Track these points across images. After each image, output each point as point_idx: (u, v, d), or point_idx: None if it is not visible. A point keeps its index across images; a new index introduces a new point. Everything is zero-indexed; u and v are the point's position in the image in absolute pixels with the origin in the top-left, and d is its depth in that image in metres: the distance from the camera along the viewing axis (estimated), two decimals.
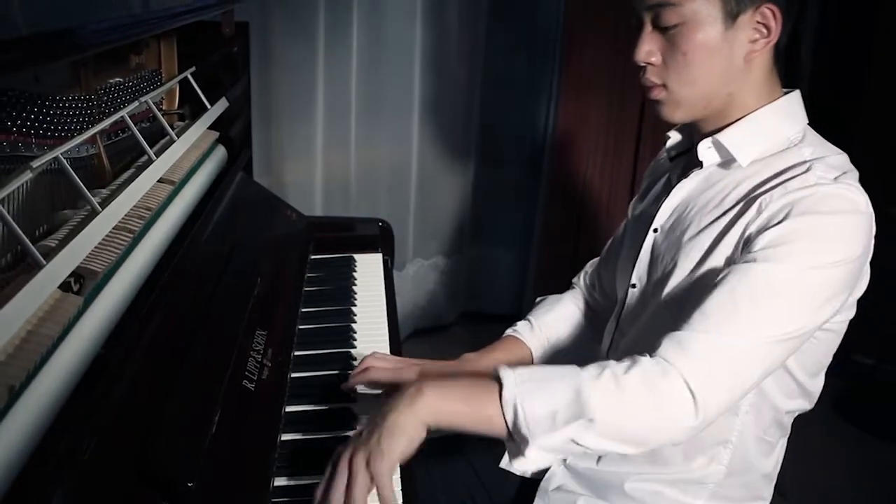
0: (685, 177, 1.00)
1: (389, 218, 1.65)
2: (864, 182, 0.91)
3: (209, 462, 0.77)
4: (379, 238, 1.56)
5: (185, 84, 1.38)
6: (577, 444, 0.81)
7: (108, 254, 0.89)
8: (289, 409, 1.02)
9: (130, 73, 1.26)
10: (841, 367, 0.95)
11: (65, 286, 0.79)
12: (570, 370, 0.85)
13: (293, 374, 1.10)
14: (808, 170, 0.89)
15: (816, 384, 1.00)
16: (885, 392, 2.41)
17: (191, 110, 1.44)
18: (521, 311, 2.74)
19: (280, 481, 0.89)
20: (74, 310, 0.77)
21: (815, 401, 1.01)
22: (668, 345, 0.84)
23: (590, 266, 1.28)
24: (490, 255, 2.85)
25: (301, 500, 0.87)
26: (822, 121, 1.03)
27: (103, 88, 1.14)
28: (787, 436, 1.05)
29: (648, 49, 0.94)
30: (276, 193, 1.63)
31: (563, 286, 1.31)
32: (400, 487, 0.90)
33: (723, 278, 0.87)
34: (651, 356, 0.84)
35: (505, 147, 2.74)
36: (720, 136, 0.95)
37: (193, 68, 1.38)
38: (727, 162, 0.96)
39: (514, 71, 2.64)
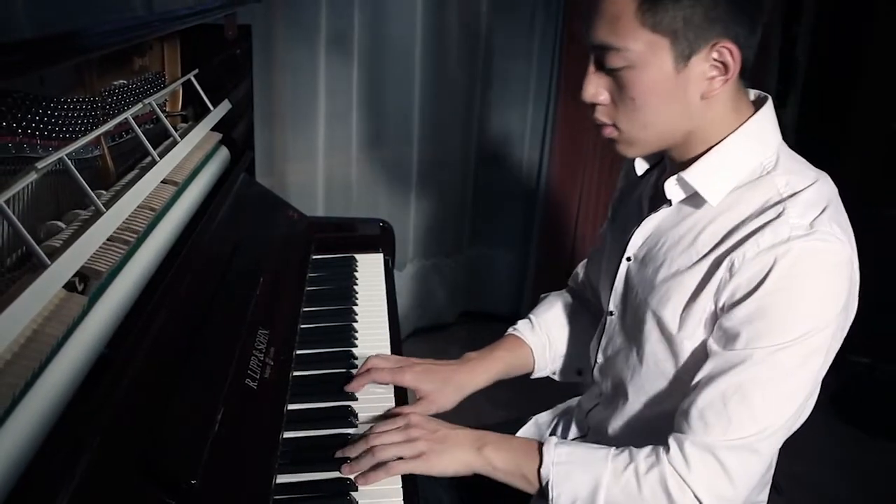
0: (654, 204, 0.96)
1: (390, 218, 1.65)
2: (859, 183, 0.90)
3: (212, 459, 0.77)
4: (380, 238, 1.55)
5: (188, 86, 1.38)
6: None
7: (113, 254, 0.89)
8: (291, 407, 1.02)
9: (134, 76, 1.26)
10: (837, 367, 0.94)
11: (69, 286, 0.79)
12: (602, 458, 0.89)
13: (295, 373, 1.10)
14: (780, 215, 0.83)
15: (809, 402, 0.96)
16: (881, 391, 2.41)
17: (194, 112, 1.44)
18: (520, 310, 2.74)
19: (282, 478, 0.89)
20: (79, 309, 0.77)
21: (810, 410, 0.97)
22: (676, 453, 0.85)
23: (581, 267, 1.27)
24: (489, 254, 2.85)
25: (303, 497, 0.87)
26: (818, 122, 1.02)
27: (107, 90, 1.14)
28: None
29: (594, 91, 0.88)
30: (278, 194, 1.63)
31: (561, 285, 1.31)
32: (401, 484, 0.90)
33: (712, 367, 0.85)
34: (667, 455, 0.85)
35: (504, 148, 2.74)
36: (686, 175, 0.89)
37: (196, 70, 1.38)
38: (695, 196, 0.90)
39: (513, 73, 2.64)
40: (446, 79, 2.53)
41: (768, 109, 0.91)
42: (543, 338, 1.19)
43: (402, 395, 1.09)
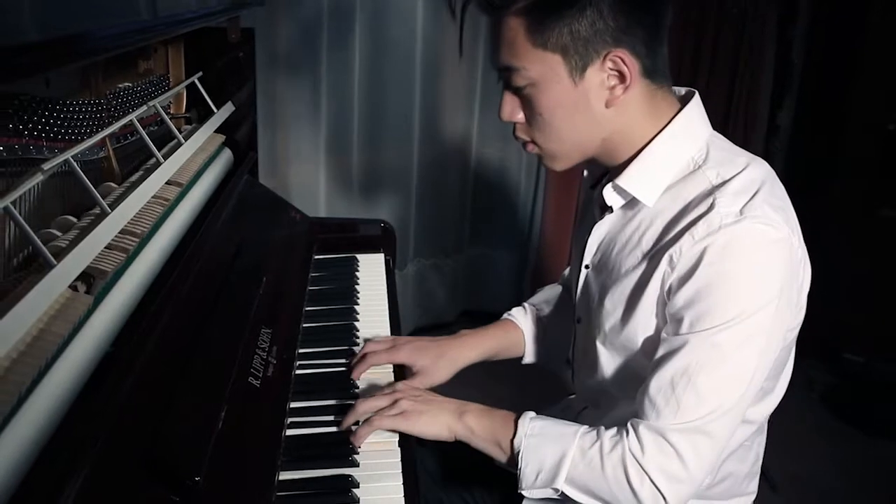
0: (602, 216, 0.98)
1: (391, 219, 1.65)
2: (854, 185, 0.90)
3: (216, 456, 0.77)
4: (381, 238, 1.56)
5: (192, 89, 1.38)
6: (563, 494, 0.89)
7: (118, 254, 0.89)
8: (293, 405, 1.02)
9: (139, 78, 1.26)
10: (832, 366, 0.94)
11: (75, 286, 0.79)
12: (571, 433, 0.90)
13: (298, 371, 1.10)
14: (711, 206, 0.84)
15: (781, 383, 0.97)
16: (875, 389, 2.41)
17: (198, 114, 1.44)
18: None
19: (285, 475, 0.89)
20: (84, 309, 0.77)
21: (781, 396, 0.98)
22: (633, 439, 0.86)
23: (567, 269, 1.28)
24: (489, 254, 2.85)
25: (305, 494, 0.87)
26: (814, 124, 1.02)
27: (112, 93, 1.14)
28: (764, 432, 1.04)
29: (510, 109, 0.91)
30: (280, 195, 1.63)
31: None
32: (401, 482, 0.90)
33: (660, 353, 0.87)
34: (627, 437, 0.86)
35: (504, 150, 2.74)
36: (620, 181, 0.91)
37: (200, 73, 1.38)
38: (634, 200, 0.92)
39: None
40: (446, 81, 2.53)
41: (694, 105, 0.93)
42: (536, 324, 1.22)
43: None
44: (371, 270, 1.45)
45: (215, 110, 1.39)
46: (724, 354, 0.83)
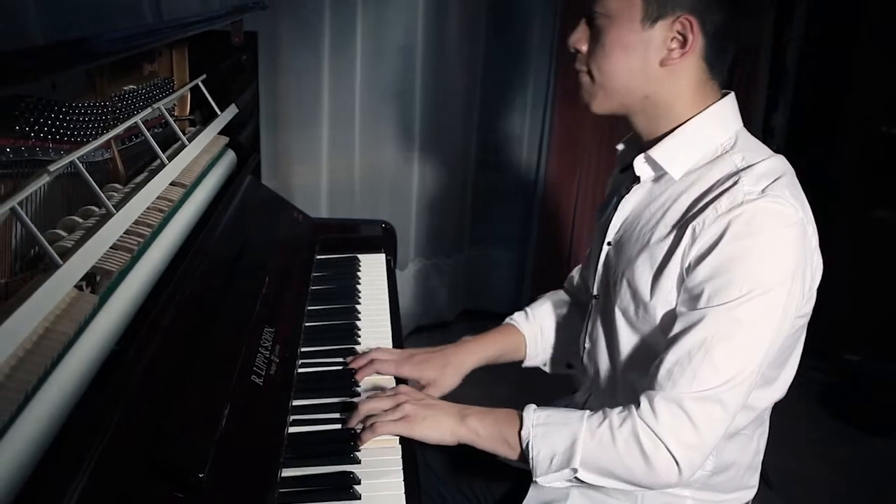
0: (629, 191, 1.01)
1: (392, 219, 1.65)
2: (849, 186, 0.91)
3: (219, 454, 0.77)
4: (382, 239, 1.56)
5: (196, 91, 1.38)
6: (578, 479, 0.90)
7: (122, 254, 0.89)
8: (295, 402, 1.02)
9: (144, 81, 1.26)
10: (829, 364, 0.95)
11: (80, 285, 0.79)
12: (578, 417, 0.92)
13: (300, 370, 1.10)
14: (735, 183, 0.89)
15: (786, 374, 0.99)
16: (871, 388, 2.41)
17: (202, 116, 1.44)
18: (518, 308, 2.73)
19: (288, 472, 0.89)
20: (90, 308, 0.77)
21: (786, 389, 1.00)
22: (645, 408, 0.88)
23: (576, 272, 1.29)
24: (489, 254, 2.85)
25: (307, 490, 0.87)
26: (808, 126, 1.03)
27: (118, 95, 1.14)
28: (765, 425, 1.05)
29: (578, 36, 0.96)
30: (283, 196, 1.63)
31: (558, 283, 1.31)
32: (402, 478, 0.90)
33: (678, 327, 0.89)
34: (638, 410, 0.88)
35: (503, 152, 2.74)
36: (652, 152, 0.96)
37: (204, 76, 1.38)
38: (662, 175, 0.96)
39: (511, 78, 2.65)
40: (447, 83, 2.53)
41: (731, 100, 0.98)
42: (536, 328, 1.22)
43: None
44: (372, 270, 1.45)
45: (219, 112, 1.39)
46: (740, 326, 0.86)
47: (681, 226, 0.92)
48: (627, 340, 0.99)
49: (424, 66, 2.46)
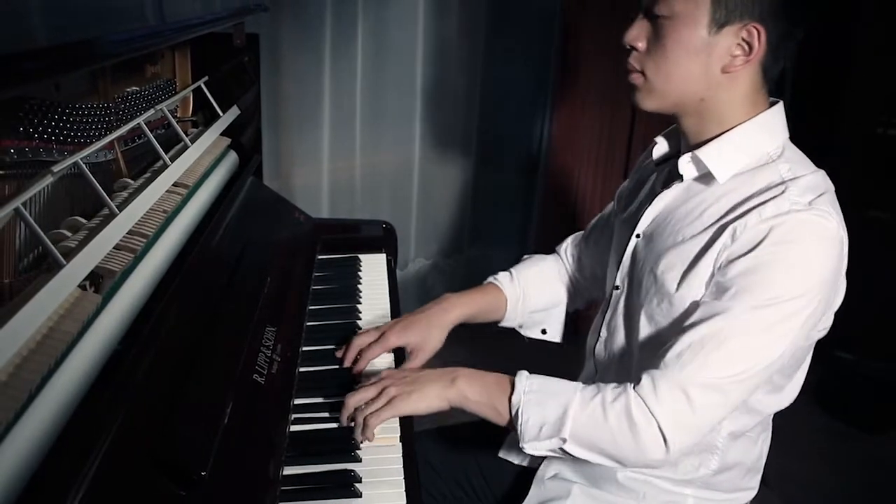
0: (667, 187, 0.99)
1: (392, 220, 1.65)
2: (843, 186, 0.91)
3: (222, 452, 0.77)
4: (383, 239, 1.55)
5: (198, 93, 1.38)
6: (563, 451, 0.89)
7: (125, 254, 0.89)
8: (297, 401, 1.02)
9: (146, 83, 1.26)
10: (823, 363, 0.95)
11: (84, 285, 0.79)
12: (571, 389, 0.91)
13: (301, 369, 1.10)
14: (782, 192, 0.87)
15: (794, 383, 0.99)
16: (865, 386, 2.41)
17: (204, 117, 1.44)
18: None
19: (289, 470, 0.89)
20: (93, 308, 0.77)
21: (794, 397, 1.00)
22: (647, 385, 0.87)
23: (572, 239, 1.30)
24: (488, 254, 2.85)
25: (309, 488, 0.87)
26: (804, 127, 1.02)
27: (121, 97, 1.14)
28: (769, 430, 1.05)
29: (636, 34, 0.93)
30: (284, 196, 1.62)
31: None
32: (403, 476, 0.90)
33: (697, 315, 0.88)
34: (635, 388, 0.87)
35: (503, 152, 2.75)
36: (699, 152, 0.94)
37: (206, 78, 1.38)
38: (706, 176, 0.94)
39: (511, 80, 2.64)
40: (447, 85, 2.53)
41: (779, 110, 0.96)
42: (519, 291, 1.23)
43: None
44: (373, 270, 1.45)
45: (221, 114, 1.39)
46: (760, 327, 0.85)
47: (720, 226, 0.90)
48: (647, 333, 0.97)
49: (425, 67, 2.46)
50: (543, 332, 1.26)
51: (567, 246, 1.30)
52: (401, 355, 1.12)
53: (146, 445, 0.72)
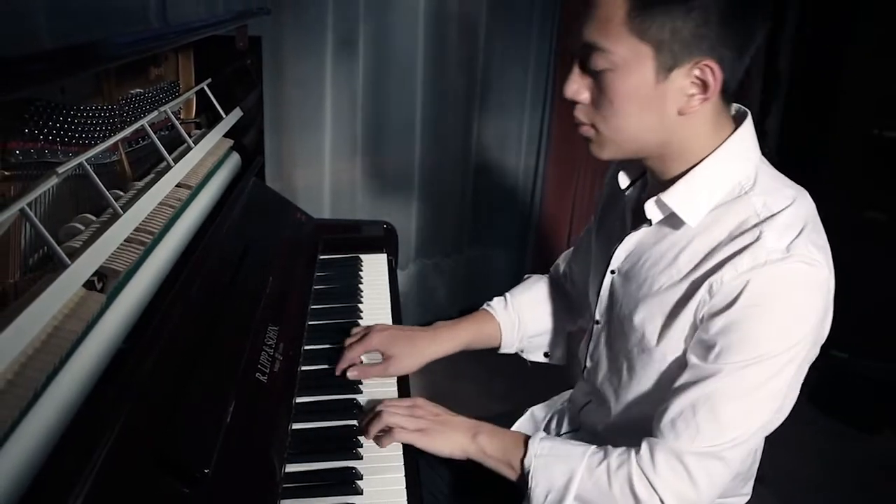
0: (636, 224, 0.94)
1: (393, 220, 1.65)
2: (840, 188, 0.89)
3: (225, 449, 0.77)
4: (383, 239, 1.55)
5: (201, 95, 1.38)
6: None
7: (130, 254, 0.89)
8: (299, 399, 1.02)
9: (150, 85, 1.26)
10: (818, 362, 0.94)
11: (88, 284, 0.79)
12: (579, 454, 0.89)
13: (303, 368, 1.10)
14: (757, 239, 0.80)
15: (787, 403, 0.95)
16: (859, 384, 2.41)
17: (207, 119, 1.44)
18: None
19: (291, 467, 0.89)
20: (97, 307, 0.77)
21: (787, 414, 0.96)
22: (645, 455, 0.85)
23: (563, 258, 1.27)
24: (488, 255, 2.85)
25: (311, 486, 0.87)
26: (801, 129, 1.02)
27: (125, 99, 1.14)
28: (762, 440, 1.01)
29: (576, 88, 0.85)
30: (286, 197, 1.63)
31: None
32: (403, 473, 0.91)
33: (686, 377, 0.84)
34: (637, 455, 0.85)
35: (503, 152, 2.74)
36: (665, 197, 0.87)
37: (209, 80, 1.38)
38: (675, 216, 0.87)
39: (511, 79, 2.64)
40: (447, 87, 2.53)
41: (748, 126, 0.88)
42: (514, 316, 1.20)
43: (406, 390, 1.09)
44: (374, 270, 1.45)
45: (224, 115, 1.39)
46: (750, 387, 0.81)
47: (696, 279, 0.84)
48: (628, 373, 0.95)
49: (425, 68, 2.46)
50: (546, 355, 1.23)
51: (559, 265, 1.27)
52: (404, 390, 1.10)
53: (150, 443, 0.72)
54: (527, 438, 0.93)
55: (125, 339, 0.80)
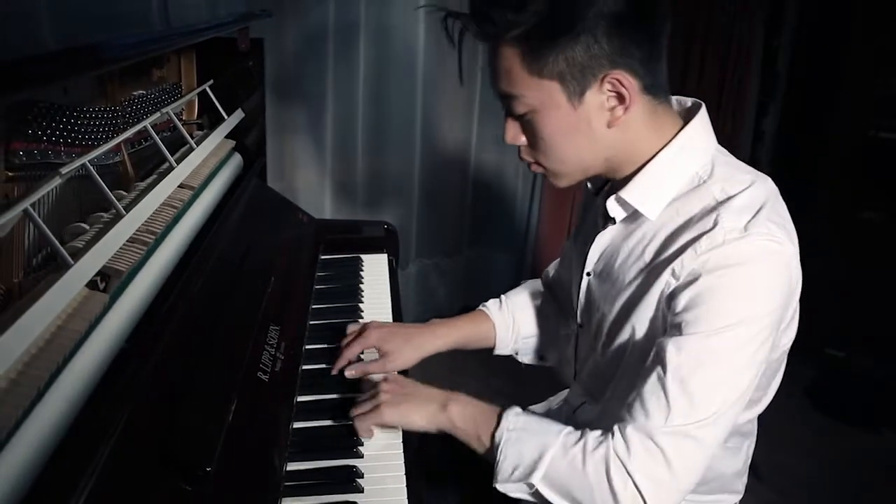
0: (606, 225, 0.95)
1: (394, 220, 1.65)
2: (837, 188, 0.89)
3: (226, 448, 0.77)
4: (384, 239, 1.55)
5: (203, 96, 1.38)
6: (533, 492, 0.84)
7: (132, 254, 0.89)
8: (300, 398, 1.02)
9: (153, 86, 1.26)
10: (815, 360, 0.94)
11: (91, 284, 0.79)
12: (554, 431, 0.85)
13: (304, 367, 1.10)
14: (714, 224, 0.81)
15: (769, 393, 0.95)
16: (855, 383, 2.42)
17: (209, 120, 1.44)
18: None
19: (293, 465, 0.89)
20: (100, 306, 0.77)
21: (769, 402, 0.96)
22: (618, 438, 0.81)
23: (552, 267, 1.26)
24: (488, 255, 2.85)
25: (312, 484, 0.87)
26: (798, 130, 1.02)
27: (127, 100, 1.14)
28: (754, 435, 1.03)
29: (513, 134, 0.89)
30: (288, 198, 1.63)
31: None
32: (404, 472, 0.90)
33: (653, 354, 0.83)
34: (612, 438, 0.82)
35: (503, 153, 2.74)
36: (624, 194, 0.89)
37: (211, 81, 1.38)
38: (637, 213, 0.89)
39: None
40: (447, 89, 2.53)
41: (700, 118, 0.89)
42: (509, 318, 1.19)
43: None
44: (375, 270, 1.45)
45: (226, 117, 1.39)
46: (717, 359, 0.80)
47: (659, 266, 0.85)
48: (611, 369, 0.95)
49: (425, 70, 2.46)
50: (541, 357, 1.22)
51: (549, 271, 1.26)
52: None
53: (152, 441, 0.72)
54: (501, 411, 0.89)
55: (128, 338, 0.81)
